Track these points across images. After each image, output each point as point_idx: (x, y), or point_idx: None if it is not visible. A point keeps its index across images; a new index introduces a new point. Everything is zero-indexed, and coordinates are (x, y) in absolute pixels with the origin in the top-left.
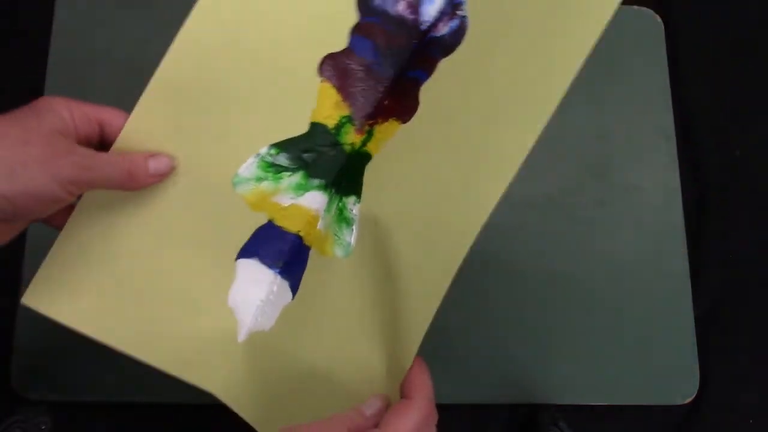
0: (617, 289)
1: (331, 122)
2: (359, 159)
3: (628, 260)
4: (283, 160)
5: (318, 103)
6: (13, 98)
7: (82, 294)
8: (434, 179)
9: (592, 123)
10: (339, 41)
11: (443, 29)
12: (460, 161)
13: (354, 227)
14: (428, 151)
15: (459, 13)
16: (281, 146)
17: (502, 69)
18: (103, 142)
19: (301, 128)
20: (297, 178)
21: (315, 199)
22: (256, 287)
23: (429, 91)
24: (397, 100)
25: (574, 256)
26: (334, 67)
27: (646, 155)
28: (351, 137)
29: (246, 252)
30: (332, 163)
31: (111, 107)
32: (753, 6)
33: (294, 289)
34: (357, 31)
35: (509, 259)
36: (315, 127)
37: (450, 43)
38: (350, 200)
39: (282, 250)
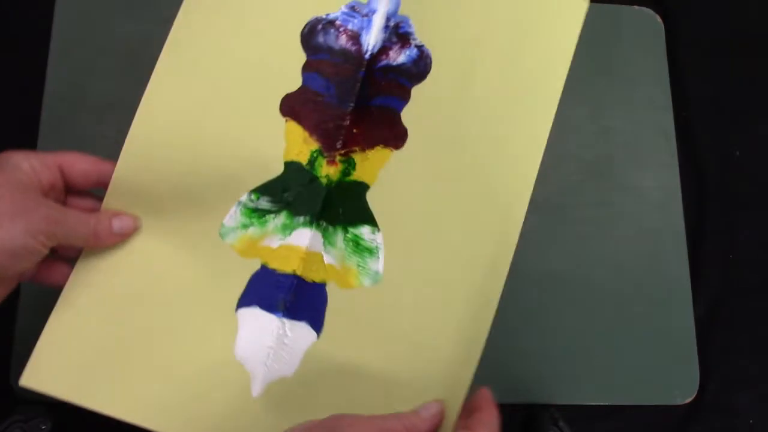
0: (617, 289)
1: (303, 158)
2: (350, 189)
3: (628, 260)
4: (264, 203)
5: (287, 142)
6: (13, 101)
7: (81, 369)
8: (458, 199)
9: (592, 123)
10: (296, 81)
11: (398, 57)
12: (480, 177)
13: (380, 255)
14: (446, 173)
15: (414, 42)
16: (261, 190)
17: (491, 88)
18: (68, 187)
19: (278, 170)
20: (282, 218)
21: (303, 236)
22: (261, 335)
23: (427, 117)
24: (370, 128)
25: (574, 256)
26: (293, 105)
27: (646, 155)
28: (325, 170)
29: (245, 301)
30: (313, 197)
31: (70, 151)
32: (753, 6)
33: (317, 326)
34: (307, 68)
35: None
36: (289, 165)
37: (415, 72)
38: (363, 230)
39: (281, 293)
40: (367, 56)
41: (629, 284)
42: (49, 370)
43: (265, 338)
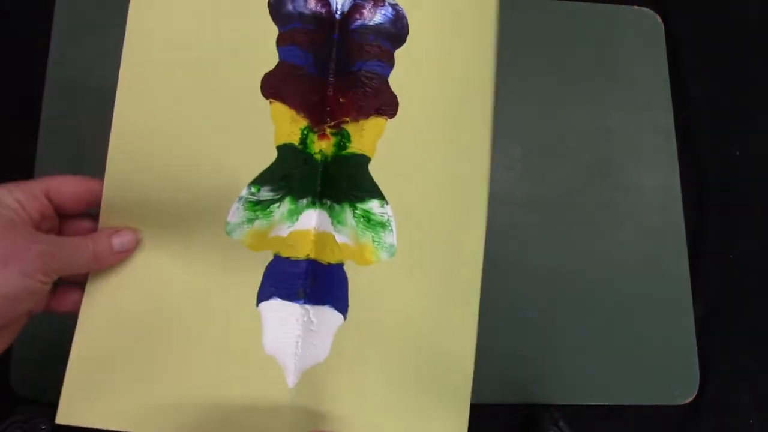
0: (617, 289)
1: (294, 138)
2: (349, 162)
3: (628, 260)
4: (266, 194)
5: (275, 125)
6: (13, 100)
7: (114, 393)
8: (440, 167)
9: (592, 123)
10: (272, 58)
11: (373, 17)
12: (454, 147)
13: (392, 227)
14: (441, 139)
15: (388, 1)
16: (259, 181)
17: (452, 67)
18: (60, 212)
19: (272, 156)
20: (286, 205)
21: (310, 218)
22: (287, 326)
23: (415, 82)
24: (357, 96)
25: (574, 256)
26: (274, 84)
27: (646, 155)
28: (317, 145)
29: (263, 294)
30: (310, 177)
31: (55, 175)
32: (753, 6)
33: (342, 308)
34: (281, 42)
35: (509, 260)
36: (282, 149)
37: (394, 32)
38: (372, 204)
39: (298, 280)
40: (338, 16)
41: (629, 284)
42: (83, 403)
43: (291, 328)
